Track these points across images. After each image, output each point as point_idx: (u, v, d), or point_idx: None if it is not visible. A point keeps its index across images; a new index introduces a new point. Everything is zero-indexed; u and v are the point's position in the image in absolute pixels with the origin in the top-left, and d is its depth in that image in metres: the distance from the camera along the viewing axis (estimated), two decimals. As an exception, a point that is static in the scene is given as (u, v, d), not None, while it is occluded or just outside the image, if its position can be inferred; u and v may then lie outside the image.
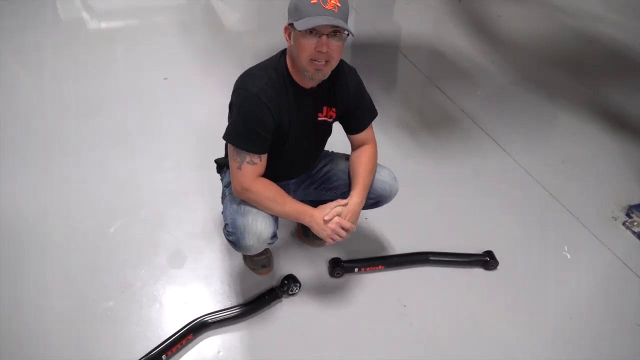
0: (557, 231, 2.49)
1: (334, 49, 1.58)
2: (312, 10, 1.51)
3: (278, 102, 1.69)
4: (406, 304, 2.07)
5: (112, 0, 4.65)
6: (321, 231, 1.75)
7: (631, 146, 3.12)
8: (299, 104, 1.75)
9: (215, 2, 4.87)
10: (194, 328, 1.87)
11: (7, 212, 2.35)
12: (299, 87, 1.72)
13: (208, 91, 3.33)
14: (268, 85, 1.67)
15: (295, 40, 1.59)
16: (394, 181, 1.99)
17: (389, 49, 4.14)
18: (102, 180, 2.57)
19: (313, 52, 1.56)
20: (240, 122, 1.69)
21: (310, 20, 1.50)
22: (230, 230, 1.79)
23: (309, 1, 1.52)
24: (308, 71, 1.62)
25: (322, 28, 1.53)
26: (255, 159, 1.71)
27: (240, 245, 1.77)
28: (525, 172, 2.84)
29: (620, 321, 2.09)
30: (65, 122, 2.98)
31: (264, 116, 1.66)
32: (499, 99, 3.59)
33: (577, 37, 4.52)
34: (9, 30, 3.95)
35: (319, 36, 1.55)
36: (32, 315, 1.94)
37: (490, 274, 2.24)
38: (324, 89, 1.78)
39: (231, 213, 1.81)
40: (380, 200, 1.99)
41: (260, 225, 1.75)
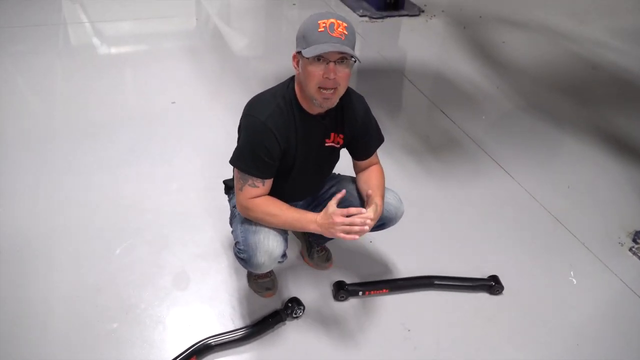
0: (563, 256, 2.48)
1: (342, 76, 1.62)
2: (319, 38, 1.55)
3: (285, 129, 1.72)
4: (410, 329, 2.06)
5: (121, 26, 4.74)
6: (327, 230, 1.68)
7: (636, 171, 3.12)
8: (307, 131, 1.78)
9: (224, 27, 4.96)
10: (197, 351, 1.86)
11: (13, 233, 2.37)
12: (306, 113, 1.75)
13: (215, 115, 3.38)
14: (275, 112, 1.70)
15: (303, 67, 1.63)
16: (400, 203, 2.01)
17: (395, 74, 4.19)
18: (109, 202, 2.59)
19: (321, 79, 1.60)
20: (246, 147, 1.73)
21: (318, 48, 1.54)
22: (242, 248, 1.80)
23: (316, 30, 1.56)
24: (317, 100, 1.65)
25: (329, 55, 1.57)
26: (257, 183, 1.74)
27: (252, 263, 1.78)
28: (530, 197, 2.84)
29: (628, 348, 2.07)
30: (74, 144, 3.02)
31: (270, 143, 1.69)
32: (504, 124, 3.61)
33: (581, 63, 4.56)
34: (21, 55, 4.03)
35: (326, 63, 1.58)
36: (36, 335, 1.94)
37: (495, 298, 2.23)
38: (331, 116, 1.81)
39: (242, 231, 1.83)
40: (385, 222, 2.00)
41: (272, 244, 1.77)
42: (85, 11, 4.97)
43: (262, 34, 4.96)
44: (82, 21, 4.79)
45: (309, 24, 1.60)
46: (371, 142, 1.95)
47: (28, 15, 4.72)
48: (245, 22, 5.15)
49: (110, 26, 4.73)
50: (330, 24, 1.57)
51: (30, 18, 4.65)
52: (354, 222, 1.64)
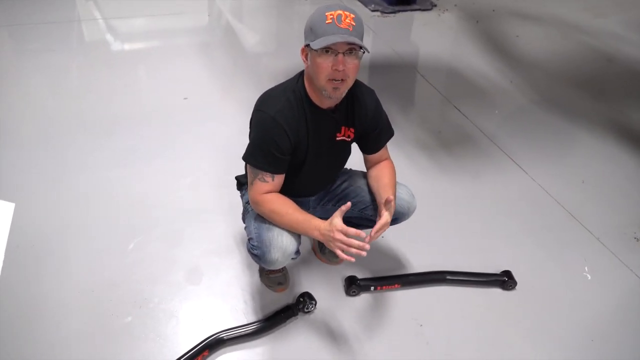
0: (577, 251, 2.46)
1: (350, 67, 1.61)
2: (327, 29, 1.55)
3: (295, 123, 1.72)
4: (422, 324, 2.06)
5: (135, 23, 4.77)
6: (327, 242, 1.66)
7: (653, 166, 3.09)
8: (317, 125, 1.78)
9: (236, 24, 4.97)
10: (209, 344, 1.87)
11: (28, 228, 2.39)
12: (316, 107, 1.75)
13: (227, 111, 3.39)
14: (285, 107, 1.70)
15: (312, 60, 1.63)
16: (412, 198, 2.00)
17: (407, 70, 4.17)
18: (122, 198, 2.62)
19: (330, 71, 1.59)
20: (257, 142, 1.74)
21: (326, 39, 1.54)
22: (255, 244, 1.81)
23: (324, 21, 1.56)
24: (326, 90, 1.64)
25: (338, 46, 1.56)
26: (267, 178, 1.74)
27: (265, 259, 1.79)
28: (544, 192, 2.82)
29: (643, 344, 2.05)
30: (88, 140, 3.05)
31: (280, 138, 1.70)
32: (518, 119, 3.58)
33: (596, 56, 4.50)
34: (36, 53, 4.07)
35: (335, 54, 1.58)
36: (51, 330, 1.96)
37: (508, 294, 2.21)
38: (342, 110, 1.81)
39: (256, 227, 1.83)
40: (398, 217, 1.99)
41: (285, 240, 1.77)
42: (99, 8, 5.01)
43: (274, 30, 4.96)
44: (95, 18, 4.82)
45: (317, 16, 1.59)
46: (381, 136, 1.95)
47: (42, 13, 4.77)
48: (257, 19, 5.15)
49: (123, 23, 4.76)
50: (338, 15, 1.56)
51: (44, 16, 4.70)
52: (352, 243, 1.59)
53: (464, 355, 1.96)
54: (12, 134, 3.09)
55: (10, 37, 4.36)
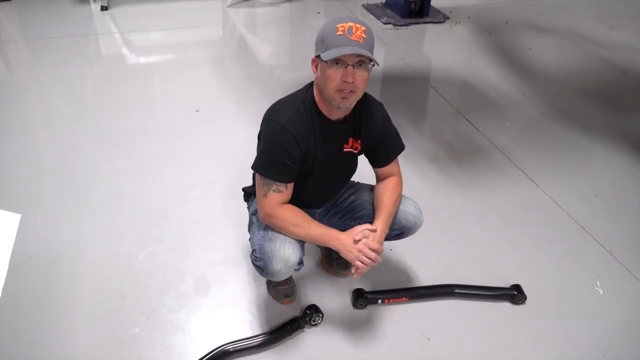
0: (589, 265, 2.42)
1: (360, 79, 1.62)
2: (338, 41, 1.56)
3: (305, 132, 1.72)
4: (430, 338, 2.04)
5: (150, 37, 4.85)
6: (348, 253, 1.73)
7: (668, 179, 3.04)
8: (325, 135, 1.78)
9: (249, 37, 5.02)
10: (215, 357, 1.87)
11: (41, 238, 2.42)
12: (325, 118, 1.76)
13: (238, 123, 3.42)
14: (295, 117, 1.71)
15: (322, 71, 1.64)
16: (419, 213, 1.99)
17: (419, 82, 4.17)
18: (133, 209, 2.64)
19: (339, 82, 1.60)
20: (268, 151, 1.73)
21: (337, 51, 1.55)
22: (258, 255, 1.81)
23: (335, 33, 1.57)
24: (335, 100, 1.65)
25: (347, 58, 1.57)
26: (281, 187, 1.74)
27: (268, 271, 1.78)
28: (555, 205, 2.79)
29: (656, 361, 2.01)
30: (102, 151, 3.10)
31: (291, 146, 1.70)
32: (530, 131, 3.55)
33: (610, 68, 4.47)
34: (54, 65, 4.16)
35: (345, 66, 1.59)
36: (60, 338, 1.98)
37: (518, 308, 2.19)
38: (350, 121, 1.82)
39: (259, 239, 1.83)
40: (404, 231, 1.99)
41: (287, 251, 1.77)
42: (116, 22, 5.10)
43: (287, 43, 5.00)
44: (112, 32, 4.92)
45: (328, 28, 1.61)
46: (390, 150, 1.94)
47: (60, 26, 4.88)
48: (270, 31, 5.21)
49: (139, 36, 4.85)
50: (349, 28, 1.57)
51: (62, 29, 4.81)
52: (369, 254, 1.72)
53: (471, 371, 1.94)
54: (28, 145, 3.15)
55: (29, 50, 4.46)
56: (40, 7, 5.36)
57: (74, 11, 5.30)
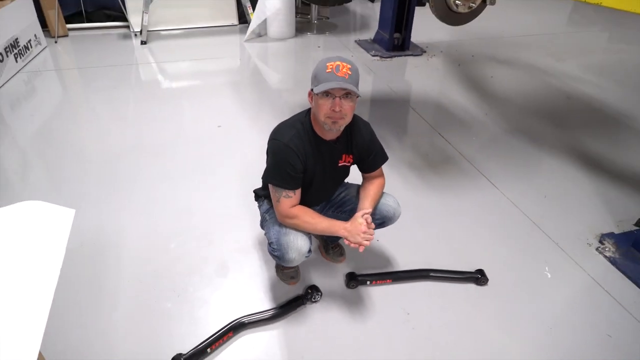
0: (540, 254, 2.43)
1: (346, 108, 1.64)
2: (327, 77, 1.59)
3: (304, 150, 1.74)
4: (409, 312, 2.05)
5: (180, 66, 4.86)
6: (356, 237, 1.74)
7: (603, 184, 3.04)
8: (321, 153, 1.80)
9: (262, 66, 5.04)
10: (233, 327, 1.89)
11: (93, 229, 2.44)
12: (321, 139, 1.78)
13: (253, 136, 3.42)
14: (296, 137, 1.73)
15: (315, 101, 1.66)
16: (398, 206, 2.01)
17: (401, 103, 4.18)
18: (167, 206, 2.65)
19: (329, 111, 1.62)
20: (275, 166, 1.75)
21: (326, 85, 1.58)
22: (275, 247, 1.81)
23: (324, 70, 1.60)
24: (326, 124, 1.67)
25: (335, 91, 1.60)
26: (290, 194, 1.75)
27: (285, 259, 1.79)
28: (512, 205, 2.80)
29: (593, 332, 2.01)
30: (141, 159, 3.11)
31: (293, 160, 1.71)
32: (492, 145, 3.56)
33: (557, 93, 4.48)
34: (103, 89, 4.17)
35: (333, 98, 1.61)
36: (107, 312, 2.00)
37: (481, 289, 2.20)
38: (342, 141, 1.84)
39: (275, 233, 1.83)
40: (385, 220, 2.00)
41: (300, 242, 1.78)
42: (153, 54, 5.12)
43: (292, 70, 5.01)
44: (149, 62, 4.93)
45: (320, 66, 1.63)
46: (376, 160, 1.95)
47: (108, 57, 4.90)
48: (279, 62, 5.22)
49: (171, 66, 4.86)
50: (337, 66, 1.60)
51: (109, 60, 4.83)
52: (369, 236, 1.75)
53: (443, 339, 1.94)
54: (81, 154, 3.16)
55: (82, 77, 4.47)
56: (91, 41, 5.39)
57: (119, 45, 5.32)
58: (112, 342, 1.87)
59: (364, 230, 1.73)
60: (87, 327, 1.93)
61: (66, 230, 1.25)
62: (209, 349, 1.80)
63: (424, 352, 1.88)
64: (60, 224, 1.28)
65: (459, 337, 1.95)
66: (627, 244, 2.46)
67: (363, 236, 1.73)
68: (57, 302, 1.96)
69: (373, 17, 6.64)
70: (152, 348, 1.85)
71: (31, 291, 1.14)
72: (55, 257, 1.20)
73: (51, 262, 1.20)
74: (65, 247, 1.22)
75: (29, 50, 4.68)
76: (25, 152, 3.17)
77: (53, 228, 1.28)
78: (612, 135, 3.73)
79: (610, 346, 1.95)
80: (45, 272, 1.18)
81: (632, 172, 3.20)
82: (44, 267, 1.19)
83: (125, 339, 1.88)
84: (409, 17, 5.13)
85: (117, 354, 1.82)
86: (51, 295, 1.13)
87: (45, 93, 4.09)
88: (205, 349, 1.80)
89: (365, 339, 1.92)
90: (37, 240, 1.26)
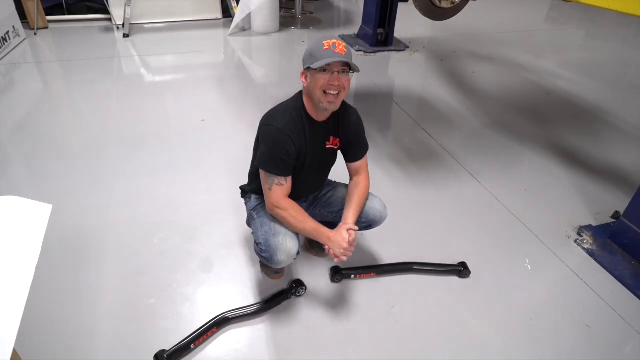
0: (520, 247, 2.44)
1: (344, 81, 1.64)
2: (325, 54, 1.59)
3: (297, 133, 1.72)
4: (393, 306, 2.03)
5: (164, 60, 4.76)
6: (337, 249, 1.72)
7: (581, 178, 3.08)
8: (313, 134, 1.77)
9: (246, 60, 4.96)
10: (217, 322, 1.85)
11: (72, 224, 2.37)
12: (313, 120, 1.76)
13: (237, 130, 3.37)
14: (289, 121, 1.71)
15: (312, 78, 1.65)
16: (384, 209, 1.99)
17: (385, 99, 4.16)
18: (149, 201, 2.58)
19: (327, 84, 1.62)
20: (269, 151, 1.71)
21: (325, 60, 1.58)
22: (264, 248, 1.76)
23: (322, 48, 1.60)
24: (322, 102, 1.66)
25: (334, 66, 1.60)
26: (282, 181, 1.72)
27: (273, 261, 1.74)
28: (494, 198, 2.81)
29: (572, 321, 2.03)
30: (123, 153, 3.02)
31: (288, 145, 1.68)
32: (473, 139, 3.57)
33: (536, 89, 4.51)
34: (84, 83, 4.05)
35: (331, 73, 1.61)
36: (88, 309, 1.93)
37: (464, 281, 2.19)
38: (331, 122, 1.82)
39: (263, 234, 1.78)
40: (371, 224, 1.99)
41: (289, 244, 1.73)
42: (135, 47, 5.00)
43: (277, 65, 4.95)
44: (132, 55, 4.81)
45: (316, 45, 1.63)
46: (361, 146, 1.93)
47: (89, 50, 4.77)
48: (263, 56, 5.15)
49: (155, 59, 4.75)
50: (333, 43, 1.61)
51: (91, 53, 4.70)
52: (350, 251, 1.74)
53: (426, 332, 1.93)
54: (62, 148, 3.06)
55: (63, 70, 4.34)
56: (72, 34, 5.24)
57: (101, 38, 5.18)
58: (94, 339, 1.81)
59: (345, 246, 1.72)
60: (68, 324, 1.86)
61: (43, 225, 1.20)
62: (193, 344, 1.76)
63: (408, 344, 1.87)
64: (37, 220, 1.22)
65: (442, 329, 1.94)
66: (604, 236, 2.49)
67: (343, 251, 1.72)
68: (37, 299, 1.91)
69: (357, 13, 6.60)
70: (135, 344, 1.79)
71: (5, 288, 1.09)
72: (31, 254, 1.15)
73: (27, 259, 1.14)
74: (41, 243, 1.16)
75: (7, 42, 4.52)
76: (4, 146, 3.06)
77: (29, 224, 1.22)
78: (590, 130, 3.77)
79: (589, 336, 1.97)
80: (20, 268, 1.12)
81: (609, 166, 3.24)
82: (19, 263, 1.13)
83: (107, 336, 1.82)
84: (392, 12, 5.10)
85: (100, 351, 1.77)
86: (26, 292, 1.08)
87: (24, 86, 3.96)
88: (189, 344, 1.75)
89: (350, 332, 1.90)
90: (13, 236, 1.20)
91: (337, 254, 1.73)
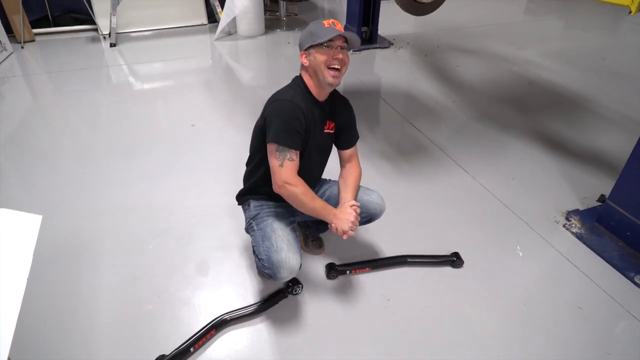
0: (511, 234, 2.44)
1: (346, 55, 1.70)
2: (327, 31, 1.67)
3: (305, 106, 1.73)
4: (390, 299, 2.02)
5: (152, 67, 4.71)
6: (345, 224, 1.73)
7: (566, 164, 3.09)
8: (315, 114, 1.78)
9: (233, 64, 4.93)
10: (215, 325, 1.83)
11: (67, 232, 2.33)
12: (315, 99, 1.78)
13: (227, 134, 3.34)
14: (298, 95, 1.73)
15: (314, 56, 1.70)
16: (383, 202, 1.99)
17: (372, 95, 4.16)
18: (143, 207, 2.55)
19: (331, 59, 1.68)
20: (283, 122, 1.67)
21: (329, 35, 1.65)
22: (267, 265, 1.70)
23: (323, 27, 1.68)
24: (327, 78, 1.69)
25: (337, 41, 1.67)
26: (293, 156, 1.69)
27: (276, 277, 1.69)
28: (483, 188, 2.81)
29: (564, 305, 2.04)
30: (114, 161, 2.99)
31: (300, 115, 1.69)
32: (460, 131, 3.57)
33: (519, 80, 4.53)
34: (73, 93, 4.00)
35: (334, 48, 1.67)
36: (84, 317, 1.90)
37: (457, 271, 2.19)
38: (329, 104, 1.85)
39: (265, 250, 1.73)
40: (372, 217, 1.99)
41: (292, 261, 1.69)
42: (123, 56, 4.94)
43: (264, 67, 4.92)
44: (120, 64, 4.76)
45: (316, 25, 1.70)
46: (352, 134, 1.96)
47: (77, 61, 4.71)
48: (251, 59, 5.12)
49: (142, 67, 4.70)
50: (332, 22, 1.69)
51: (79, 63, 4.64)
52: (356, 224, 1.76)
53: (423, 322, 1.93)
54: (52, 159, 3.02)
55: (51, 81, 4.28)
56: (59, 45, 5.17)
57: (88, 48, 5.12)
58: (93, 348, 1.78)
59: (352, 220, 1.74)
60: (66, 334, 1.83)
61: (33, 237, 1.17)
62: (192, 348, 1.74)
63: (406, 335, 1.87)
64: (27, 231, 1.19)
65: (438, 319, 1.94)
66: (592, 220, 2.50)
67: (351, 225, 1.73)
68: (33, 310, 1.88)
69: (341, 12, 6.59)
70: (134, 351, 1.77)
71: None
72: (22, 266, 1.12)
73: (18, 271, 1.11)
74: (32, 254, 1.14)
75: (-6, 57, 4.45)
76: (-5, 160, 3.02)
77: (19, 236, 1.20)
78: (572, 117, 3.79)
79: (581, 317, 1.98)
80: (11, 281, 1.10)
81: (592, 151, 3.26)
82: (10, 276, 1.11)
83: (106, 344, 1.80)
84: (375, 11, 5.09)
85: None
86: (18, 305, 1.05)
87: (13, 99, 3.90)
88: (189, 348, 1.73)
89: (348, 327, 1.89)
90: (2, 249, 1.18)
91: (344, 230, 1.73)
